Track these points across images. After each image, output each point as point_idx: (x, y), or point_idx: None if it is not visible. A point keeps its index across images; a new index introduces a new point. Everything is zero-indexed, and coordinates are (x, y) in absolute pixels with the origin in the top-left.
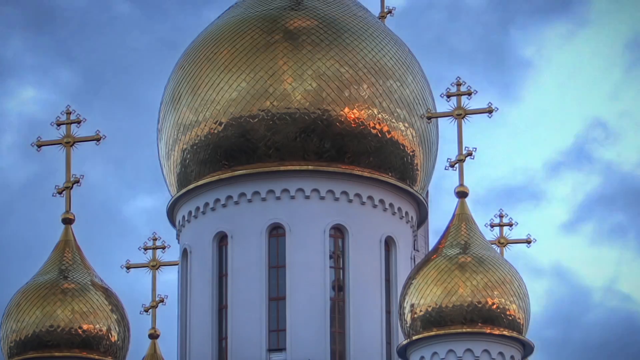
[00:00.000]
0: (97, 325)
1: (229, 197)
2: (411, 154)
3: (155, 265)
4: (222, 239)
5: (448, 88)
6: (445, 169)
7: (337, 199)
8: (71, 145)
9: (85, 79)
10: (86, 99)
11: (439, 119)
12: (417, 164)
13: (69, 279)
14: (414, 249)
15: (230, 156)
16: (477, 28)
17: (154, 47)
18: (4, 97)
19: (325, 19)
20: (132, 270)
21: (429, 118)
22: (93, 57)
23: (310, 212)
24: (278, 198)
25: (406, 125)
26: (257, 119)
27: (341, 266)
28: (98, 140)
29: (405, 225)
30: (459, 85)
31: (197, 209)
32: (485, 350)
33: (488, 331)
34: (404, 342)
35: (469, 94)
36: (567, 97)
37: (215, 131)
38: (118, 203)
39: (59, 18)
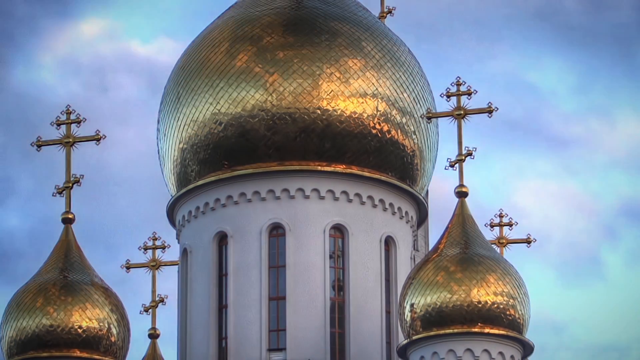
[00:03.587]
0: (97, 326)
1: (229, 197)
2: (411, 154)
3: (155, 265)
4: (222, 239)
5: (448, 88)
6: (445, 169)
7: (337, 199)
8: (71, 145)
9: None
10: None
11: (439, 119)
12: (417, 164)
13: (69, 279)
14: (414, 249)
15: (230, 156)
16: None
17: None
18: None
19: (325, 19)
20: (132, 270)
21: (429, 118)
22: None
23: (310, 212)
24: (278, 198)
25: (406, 124)
26: (257, 119)
27: (341, 266)
28: (98, 140)
29: (405, 225)
30: (459, 85)
31: (197, 208)
32: (485, 350)
33: (488, 331)
34: (404, 342)
35: (469, 94)
36: None
37: (215, 131)
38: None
39: None
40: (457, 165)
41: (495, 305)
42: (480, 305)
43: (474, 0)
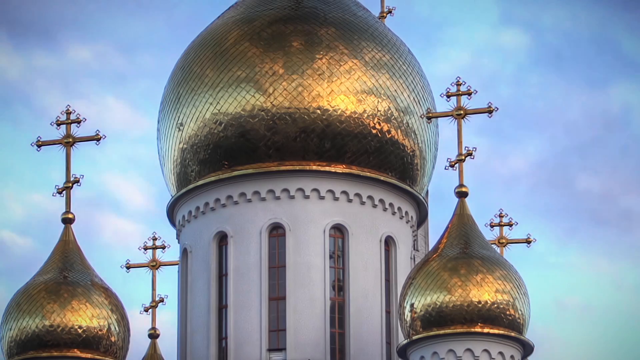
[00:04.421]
0: (97, 325)
1: (229, 197)
2: (411, 154)
3: (155, 265)
4: (222, 239)
5: (448, 88)
6: (445, 169)
7: (337, 199)
8: (71, 145)
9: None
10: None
11: (439, 119)
12: (417, 164)
13: (69, 279)
14: (414, 249)
15: (230, 156)
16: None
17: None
18: None
19: (324, 19)
20: (132, 270)
21: (429, 118)
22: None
23: (310, 212)
24: (278, 198)
25: (406, 125)
26: (257, 119)
27: (341, 266)
28: (98, 140)
29: (405, 225)
30: (459, 85)
31: (197, 209)
32: (485, 350)
33: (488, 331)
34: (404, 342)
35: (469, 94)
36: None
37: (215, 131)
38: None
39: None
40: (457, 165)
41: (495, 305)
42: (480, 305)
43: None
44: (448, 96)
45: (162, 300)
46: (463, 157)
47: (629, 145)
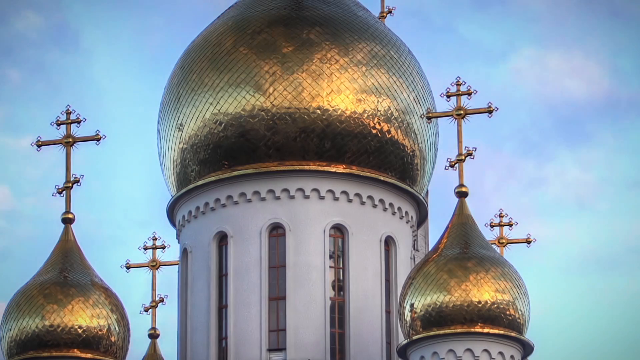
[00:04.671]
0: (97, 325)
1: (229, 197)
2: (411, 154)
3: (155, 265)
4: (222, 239)
5: (448, 88)
6: (445, 169)
7: (337, 199)
8: (71, 145)
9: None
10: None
11: (439, 119)
12: (417, 164)
13: (69, 279)
14: (414, 249)
15: (230, 156)
16: None
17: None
18: None
19: (325, 18)
20: (132, 270)
21: (429, 118)
22: None
23: (310, 212)
24: (278, 198)
25: (406, 125)
26: (257, 119)
27: (341, 266)
28: (98, 140)
29: (405, 225)
30: (459, 85)
31: (197, 208)
32: (485, 350)
33: (488, 331)
34: (404, 342)
35: (469, 94)
36: None
37: (215, 131)
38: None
39: None
40: (457, 165)
41: (495, 305)
42: (480, 305)
43: None
44: (448, 96)
45: (162, 300)
46: (463, 157)
47: None
